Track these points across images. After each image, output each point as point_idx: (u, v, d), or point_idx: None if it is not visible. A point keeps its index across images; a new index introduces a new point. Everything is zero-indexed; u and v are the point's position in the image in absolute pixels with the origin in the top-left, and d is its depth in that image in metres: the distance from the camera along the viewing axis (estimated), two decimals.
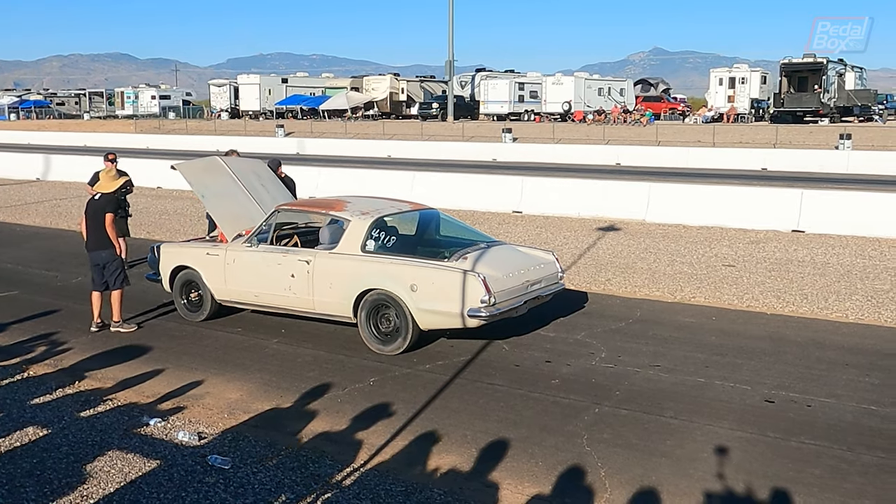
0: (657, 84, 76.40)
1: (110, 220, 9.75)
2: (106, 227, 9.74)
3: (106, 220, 9.73)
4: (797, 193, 17.90)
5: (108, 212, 9.76)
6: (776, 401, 7.55)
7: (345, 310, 9.22)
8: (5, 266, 14.16)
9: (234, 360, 8.97)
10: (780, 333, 9.78)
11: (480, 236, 10.42)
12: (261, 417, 7.30)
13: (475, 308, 8.52)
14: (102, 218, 9.74)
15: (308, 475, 6.09)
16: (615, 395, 7.73)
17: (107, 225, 9.74)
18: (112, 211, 9.80)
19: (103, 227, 9.74)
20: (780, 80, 52.60)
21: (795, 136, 40.77)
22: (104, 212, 9.76)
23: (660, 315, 10.64)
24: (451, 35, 61.68)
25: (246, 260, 9.89)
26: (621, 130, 49.17)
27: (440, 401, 7.64)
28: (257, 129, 57.94)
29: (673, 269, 13.40)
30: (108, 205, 9.82)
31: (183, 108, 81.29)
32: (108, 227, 9.75)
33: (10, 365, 8.68)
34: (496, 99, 64.11)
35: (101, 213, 9.78)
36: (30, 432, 6.84)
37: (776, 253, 14.81)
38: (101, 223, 9.74)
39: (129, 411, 7.37)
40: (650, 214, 18.71)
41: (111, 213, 9.77)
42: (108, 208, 9.79)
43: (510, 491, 5.90)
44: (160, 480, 5.98)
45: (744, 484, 5.94)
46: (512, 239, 14.96)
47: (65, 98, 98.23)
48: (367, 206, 9.78)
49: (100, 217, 9.78)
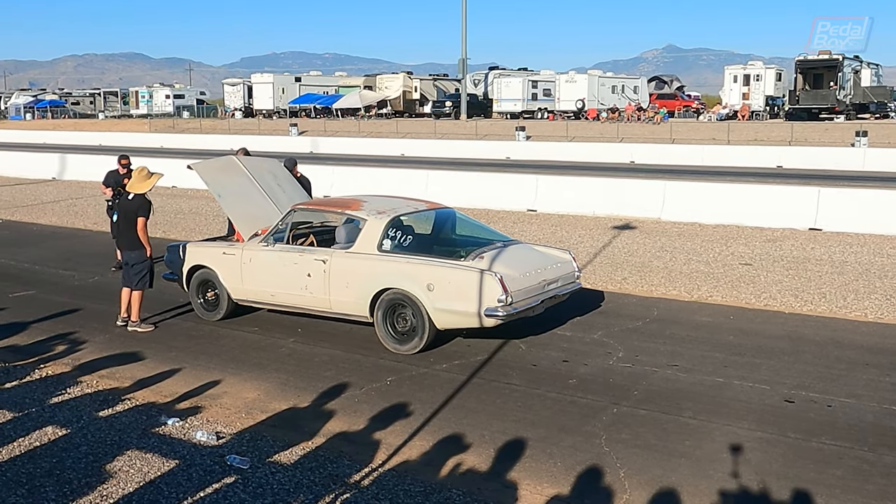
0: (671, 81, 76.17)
1: (142, 224, 9.79)
2: (137, 230, 9.78)
3: (138, 223, 9.77)
4: (814, 191, 17.80)
5: (140, 215, 9.79)
6: (796, 401, 7.50)
7: (361, 309, 9.22)
8: (23, 265, 14.24)
9: (251, 359, 8.99)
10: (798, 333, 9.71)
11: (496, 235, 10.40)
12: (278, 417, 7.31)
13: (492, 307, 8.50)
14: (135, 219, 9.77)
15: (326, 475, 6.09)
16: (633, 395, 7.69)
17: (138, 229, 9.80)
18: (145, 215, 9.81)
19: (135, 228, 9.77)
20: (796, 77, 52.30)
21: (811, 133, 40.54)
22: (136, 214, 9.79)
23: (677, 314, 10.60)
24: (465, 33, 61.67)
25: (262, 259, 9.90)
26: (635, 128, 49.01)
27: (457, 400, 7.63)
28: (271, 127, 58.08)
29: (689, 268, 13.34)
30: (140, 207, 9.82)
31: (197, 107, 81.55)
32: (140, 232, 9.80)
33: (28, 364, 8.72)
34: (509, 97, 64.07)
35: (133, 215, 9.81)
36: (49, 432, 6.87)
37: (793, 251, 14.72)
38: (133, 224, 9.77)
39: (148, 411, 7.39)
40: (665, 213, 18.63)
41: (143, 218, 9.79)
42: (140, 211, 9.81)
43: (529, 491, 5.88)
44: (179, 480, 5.99)
45: (763, 485, 5.90)
46: (527, 238, 14.92)
47: (80, 98, 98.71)
48: (384, 206, 9.78)
49: (132, 218, 9.81)
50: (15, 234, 17.93)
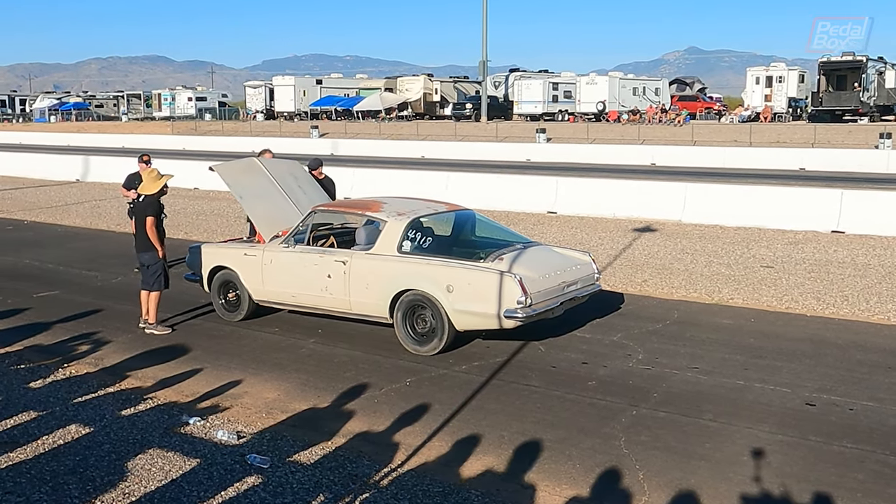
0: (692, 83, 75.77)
1: (150, 223, 9.81)
2: (146, 230, 9.84)
3: (146, 223, 9.81)
4: (837, 193, 17.66)
5: (148, 215, 9.83)
6: (817, 404, 7.45)
7: (381, 310, 9.25)
8: (47, 266, 14.39)
9: (272, 359, 9.04)
10: (820, 336, 9.65)
11: (516, 237, 10.40)
12: (298, 417, 7.35)
13: (511, 309, 8.51)
14: (144, 220, 9.85)
15: (346, 475, 6.12)
16: (653, 398, 7.67)
17: (147, 228, 9.81)
18: (153, 214, 9.83)
19: (145, 228, 9.84)
20: (819, 78, 51.84)
21: (834, 135, 40.20)
22: (145, 214, 9.85)
23: (697, 316, 10.55)
24: (485, 35, 61.68)
25: (283, 260, 9.96)
26: (656, 130, 48.82)
27: (476, 402, 7.64)
28: (292, 130, 58.33)
29: (710, 270, 13.28)
30: (148, 207, 9.86)
31: (219, 109, 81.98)
32: (149, 231, 9.80)
33: (52, 363, 8.82)
34: (530, 99, 63.95)
35: (142, 216, 9.88)
36: (72, 430, 6.95)
37: (815, 254, 14.62)
38: (144, 225, 9.84)
39: (169, 410, 7.46)
40: (686, 215, 18.55)
41: (151, 217, 9.81)
42: (148, 211, 9.85)
43: (547, 493, 5.88)
44: (200, 479, 6.04)
45: (784, 488, 5.87)
46: (547, 240, 14.91)
47: (103, 100, 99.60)
48: (403, 207, 9.81)
49: (142, 219, 9.87)
50: (39, 235, 18.13)
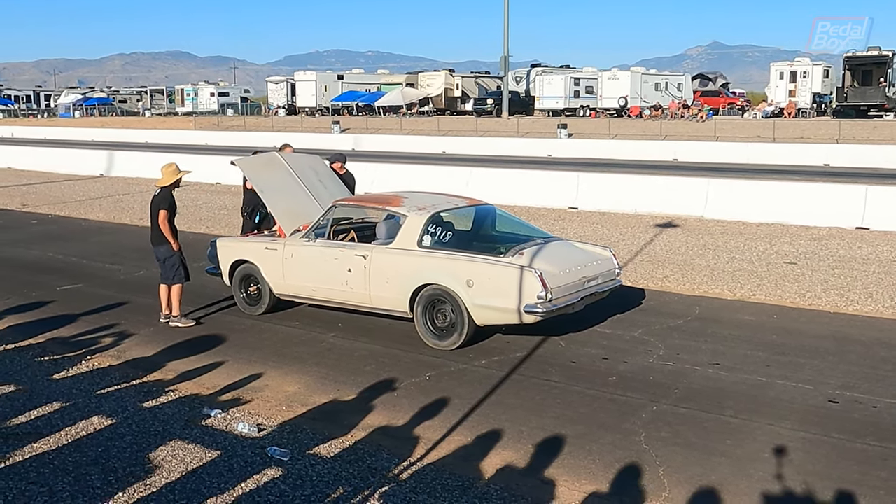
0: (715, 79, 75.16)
1: (163, 217, 9.80)
2: (159, 223, 9.87)
3: (159, 216, 9.85)
4: (861, 189, 17.48)
5: (161, 208, 9.84)
6: (840, 401, 7.39)
7: (401, 305, 9.26)
8: (70, 259, 14.52)
9: (292, 353, 9.08)
10: (843, 332, 9.56)
11: (537, 232, 10.37)
12: (318, 410, 7.38)
13: (532, 304, 8.49)
14: (157, 214, 9.89)
15: (365, 468, 6.13)
16: (673, 394, 7.63)
17: (159, 221, 9.82)
18: (166, 208, 9.82)
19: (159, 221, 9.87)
20: (844, 73, 51.43)
21: (859, 131, 39.79)
22: (158, 208, 9.87)
23: (719, 313, 10.49)
24: (507, 30, 61.55)
25: (303, 254, 9.99)
26: (678, 126, 48.53)
27: (496, 396, 7.63)
28: (313, 125, 58.52)
29: (732, 266, 13.19)
30: (162, 201, 9.87)
31: (241, 104, 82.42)
32: (161, 224, 9.81)
33: (76, 356, 8.90)
34: (551, 94, 63.81)
35: (155, 209, 9.91)
36: (95, 422, 7.01)
37: (839, 250, 14.48)
38: (157, 218, 9.89)
39: (191, 402, 7.51)
40: (709, 211, 18.43)
41: (164, 210, 9.81)
42: (162, 204, 9.86)
43: (567, 488, 5.86)
44: (220, 471, 6.08)
45: (806, 486, 5.82)
46: (568, 235, 14.85)
47: (127, 95, 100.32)
48: (424, 202, 9.80)
49: (155, 212, 9.92)
50: (63, 228, 18.29)
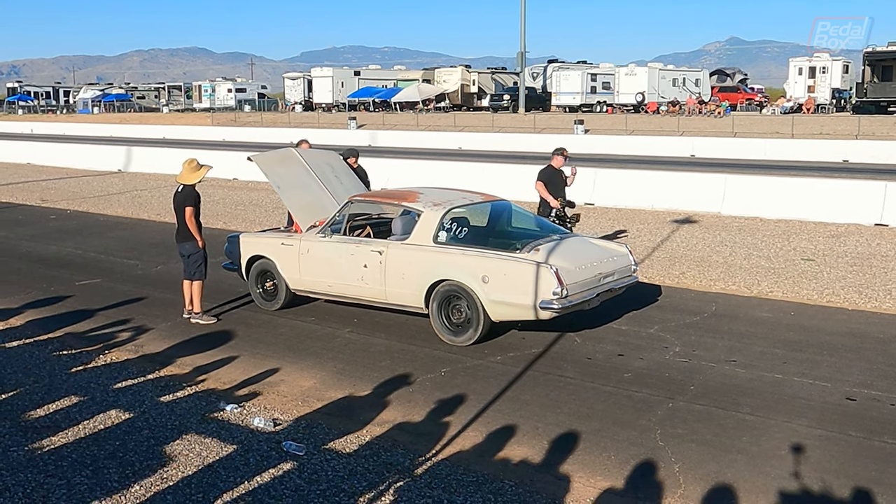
0: (734, 74, 74.70)
1: (189, 213, 9.89)
2: (186, 220, 9.95)
3: (186, 213, 9.91)
4: (881, 186, 17.33)
5: (187, 205, 9.91)
6: (858, 399, 7.34)
7: (416, 300, 9.27)
8: (89, 255, 14.62)
9: (308, 348, 9.11)
10: (861, 330, 9.49)
11: (552, 228, 10.35)
12: (334, 405, 7.40)
13: (547, 300, 8.47)
14: (183, 211, 9.96)
15: (381, 463, 6.15)
16: (689, 390, 7.61)
17: (186, 218, 9.91)
18: (191, 204, 9.91)
19: (185, 219, 9.94)
20: (863, 69, 50.91)
21: (879, 127, 39.44)
22: (184, 205, 9.94)
23: (736, 309, 10.43)
24: (524, 26, 61.38)
25: (320, 250, 10.02)
26: (696, 121, 48.26)
27: (511, 392, 7.63)
28: (330, 121, 58.62)
29: (749, 263, 13.12)
30: (187, 198, 9.95)
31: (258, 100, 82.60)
32: (188, 221, 9.90)
33: (94, 350, 8.97)
34: (568, 90, 63.53)
35: (181, 206, 9.99)
36: (112, 415, 7.06)
37: (858, 247, 14.37)
38: (184, 215, 9.95)
39: (207, 397, 7.55)
40: (726, 207, 18.34)
41: (190, 207, 9.90)
42: (187, 201, 9.93)
43: (582, 484, 5.86)
44: (236, 465, 6.11)
45: (823, 483, 5.79)
46: (584, 231, 14.82)
47: (145, 92, 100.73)
48: (440, 198, 9.80)
49: (181, 210, 9.98)
50: (82, 224, 18.42)
